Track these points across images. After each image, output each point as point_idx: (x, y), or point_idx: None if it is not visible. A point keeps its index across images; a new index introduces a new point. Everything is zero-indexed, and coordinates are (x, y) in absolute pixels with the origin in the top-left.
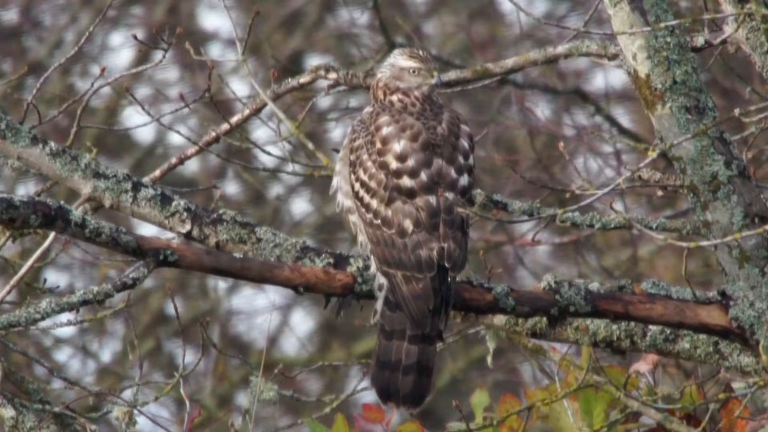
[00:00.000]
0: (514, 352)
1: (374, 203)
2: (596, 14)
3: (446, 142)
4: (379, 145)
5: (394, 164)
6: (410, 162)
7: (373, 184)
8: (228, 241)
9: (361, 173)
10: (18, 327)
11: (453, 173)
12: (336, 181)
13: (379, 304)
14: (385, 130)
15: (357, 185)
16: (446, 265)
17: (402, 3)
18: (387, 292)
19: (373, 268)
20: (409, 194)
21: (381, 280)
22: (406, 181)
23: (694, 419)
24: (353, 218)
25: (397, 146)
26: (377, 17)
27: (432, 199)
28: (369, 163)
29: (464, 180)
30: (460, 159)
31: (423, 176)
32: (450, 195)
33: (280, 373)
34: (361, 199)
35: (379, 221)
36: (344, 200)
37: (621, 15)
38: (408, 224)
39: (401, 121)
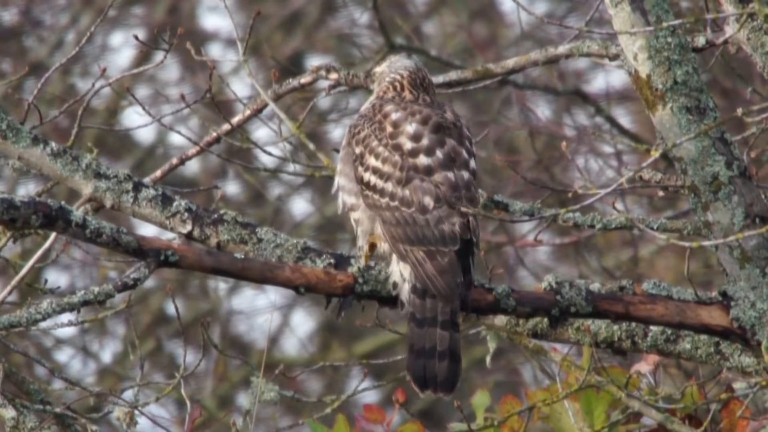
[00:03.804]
0: (515, 353)
1: (389, 186)
2: (597, 15)
3: (455, 126)
4: (390, 129)
5: (408, 144)
6: (425, 141)
7: (387, 168)
8: (229, 241)
9: (372, 160)
10: (19, 327)
11: (465, 154)
12: (338, 181)
13: (404, 295)
14: (394, 116)
15: (367, 174)
16: (472, 238)
17: (402, 3)
18: (413, 279)
19: (392, 266)
20: (427, 172)
21: (401, 271)
22: (423, 159)
23: (695, 420)
24: (355, 215)
25: (410, 128)
26: (377, 18)
27: (450, 175)
28: (380, 149)
29: (473, 163)
30: (467, 144)
31: (439, 154)
32: (465, 173)
33: (281, 374)
34: (373, 187)
35: (396, 202)
36: (348, 199)
37: (622, 15)
38: (428, 201)
39: (408, 107)
